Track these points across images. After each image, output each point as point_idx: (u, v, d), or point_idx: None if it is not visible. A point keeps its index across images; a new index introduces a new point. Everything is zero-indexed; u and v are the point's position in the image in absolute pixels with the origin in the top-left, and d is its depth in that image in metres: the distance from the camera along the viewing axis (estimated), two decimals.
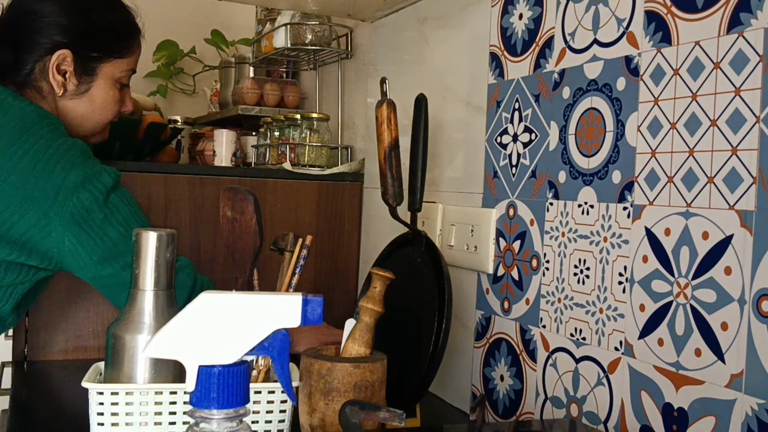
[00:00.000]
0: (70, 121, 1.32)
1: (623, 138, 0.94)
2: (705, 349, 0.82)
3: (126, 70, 1.36)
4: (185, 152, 2.22)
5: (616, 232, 0.95)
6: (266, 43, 1.95)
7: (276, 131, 1.82)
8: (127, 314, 0.95)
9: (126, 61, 1.35)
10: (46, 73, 1.28)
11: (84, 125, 1.34)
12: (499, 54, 1.20)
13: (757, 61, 0.78)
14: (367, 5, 1.56)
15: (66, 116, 1.32)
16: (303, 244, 1.05)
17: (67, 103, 1.31)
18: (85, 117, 1.34)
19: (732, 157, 0.80)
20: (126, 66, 1.35)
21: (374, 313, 0.94)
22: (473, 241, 1.23)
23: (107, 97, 1.34)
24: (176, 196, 1.56)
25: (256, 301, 0.66)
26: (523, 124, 1.13)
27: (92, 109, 1.33)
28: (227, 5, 1.76)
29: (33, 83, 1.28)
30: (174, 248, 0.97)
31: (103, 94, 1.33)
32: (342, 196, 1.70)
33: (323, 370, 0.88)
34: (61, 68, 1.28)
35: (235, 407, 0.64)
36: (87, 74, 1.31)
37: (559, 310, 1.04)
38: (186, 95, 2.88)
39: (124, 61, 1.35)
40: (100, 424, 0.91)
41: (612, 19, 0.97)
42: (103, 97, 1.34)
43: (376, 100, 1.14)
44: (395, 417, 0.79)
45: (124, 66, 1.35)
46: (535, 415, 1.09)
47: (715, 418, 0.81)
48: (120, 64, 1.34)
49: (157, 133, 1.77)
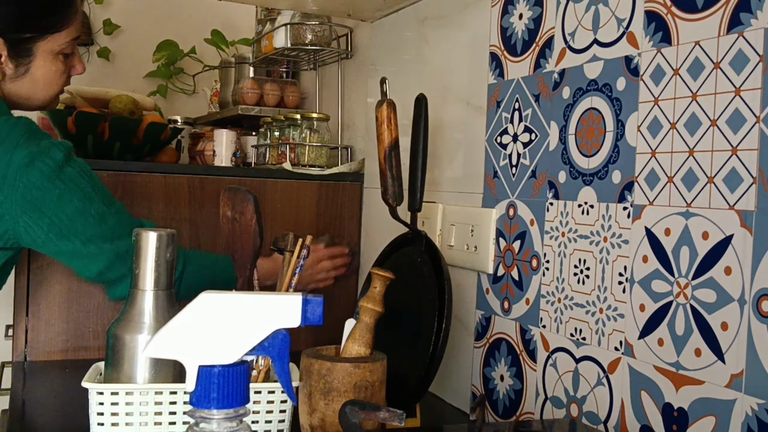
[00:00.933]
0: (17, 100, 1.30)
1: (623, 138, 0.94)
2: (705, 349, 0.82)
3: (65, 42, 1.31)
4: (185, 152, 2.22)
5: (616, 232, 0.95)
6: (266, 43, 1.95)
7: (276, 131, 1.82)
8: (127, 314, 0.95)
9: (63, 33, 1.30)
10: None
11: (33, 102, 1.33)
12: (499, 54, 1.20)
13: (757, 61, 0.78)
14: (367, 5, 1.56)
15: (12, 97, 1.30)
16: (303, 244, 1.05)
17: (9, 86, 1.29)
18: (31, 95, 1.31)
19: (732, 157, 0.80)
20: (65, 38, 1.31)
21: (374, 313, 0.94)
22: (473, 241, 1.23)
23: (50, 73, 1.31)
24: (176, 196, 1.56)
25: (256, 301, 0.66)
26: (523, 124, 1.13)
27: (36, 86, 1.31)
28: (227, 5, 1.76)
29: None
30: (174, 248, 0.97)
31: (44, 71, 1.30)
32: (342, 196, 1.70)
33: (323, 370, 0.88)
34: None
35: (235, 407, 0.64)
36: (22, 56, 1.28)
37: (559, 310, 1.04)
38: (186, 95, 2.88)
39: (61, 35, 1.30)
40: (100, 424, 0.91)
41: (612, 19, 0.97)
42: (46, 74, 1.30)
43: (376, 100, 1.14)
44: (395, 417, 0.79)
45: (62, 39, 1.30)
46: (535, 415, 1.09)
47: (715, 418, 0.81)
48: (57, 38, 1.30)
49: (157, 133, 1.77)
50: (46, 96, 1.33)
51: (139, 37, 2.82)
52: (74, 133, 1.64)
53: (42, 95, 1.33)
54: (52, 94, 1.34)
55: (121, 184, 1.51)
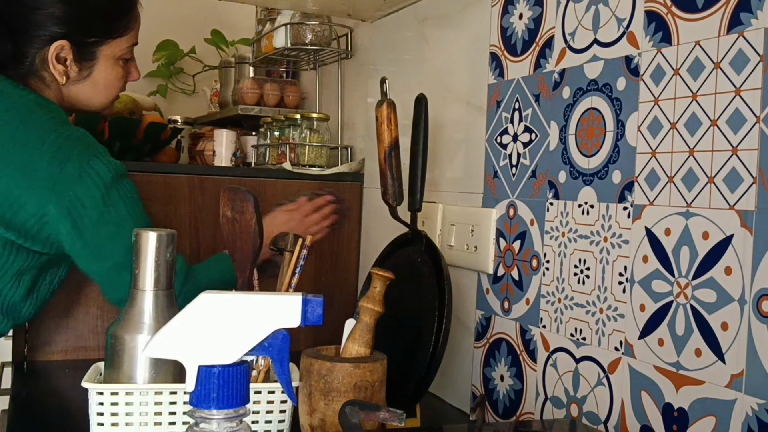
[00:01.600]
0: (76, 103, 1.33)
1: (623, 138, 0.94)
2: (705, 349, 0.82)
3: (126, 47, 1.35)
4: (185, 152, 2.22)
5: (616, 232, 0.95)
6: (266, 43, 1.95)
7: (276, 131, 1.82)
8: (127, 314, 0.95)
9: (125, 38, 1.34)
10: (47, 63, 1.28)
11: (91, 105, 1.35)
12: (499, 54, 1.20)
13: (757, 61, 0.78)
14: (367, 5, 1.56)
15: (72, 100, 1.32)
16: (303, 244, 1.05)
17: (71, 88, 1.31)
18: (92, 98, 1.34)
19: (732, 157, 0.80)
20: (126, 43, 1.34)
21: (374, 313, 0.94)
22: (473, 241, 1.23)
23: (110, 77, 1.34)
24: (176, 196, 1.56)
25: (256, 301, 0.66)
26: (523, 124, 1.13)
27: (96, 90, 1.33)
28: (227, 5, 1.76)
29: (36, 73, 1.28)
30: (174, 248, 0.97)
31: (105, 75, 1.33)
32: (342, 196, 1.70)
33: (323, 370, 0.88)
34: (60, 57, 1.28)
35: (235, 407, 0.64)
36: (87, 59, 1.30)
37: (559, 310, 1.04)
38: (186, 95, 2.88)
39: (123, 40, 1.33)
40: (100, 424, 0.91)
41: (612, 19, 0.97)
42: (106, 78, 1.33)
43: (376, 100, 1.14)
44: (395, 417, 0.79)
45: (123, 44, 1.34)
46: (535, 415, 1.09)
47: (715, 418, 0.81)
48: (119, 43, 1.33)
49: (157, 133, 1.77)
50: (105, 100, 1.36)
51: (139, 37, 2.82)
52: None
53: (101, 99, 1.35)
54: (110, 99, 1.37)
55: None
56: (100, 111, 1.38)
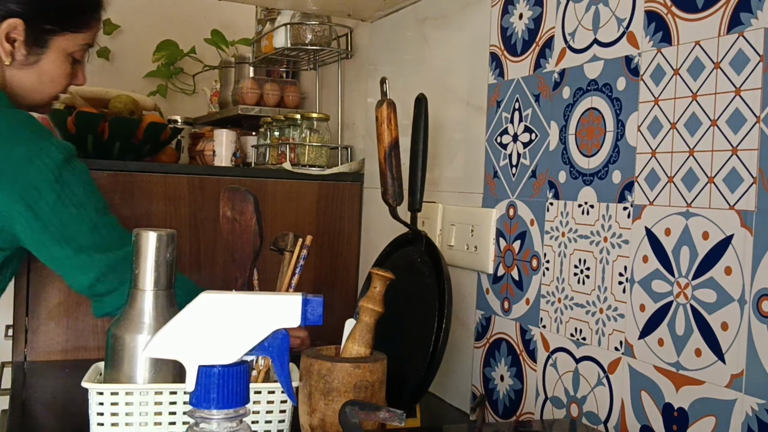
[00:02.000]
0: (17, 90, 1.29)
1: (623, 138, 0.94)
2: (705, 349, 0.82)
3: (81, 45, 1.31)
4: (185, 152, 2.22)
5: (616, 232, 0.95)
6: (266, 43, 1.95)
7: (276, 131, 1.82)
8: (127, 314, 0.95)
9: (81, 35, 1.31)
10: None
11: (30, 97, 1.31)
12: (499, 54, 1.20)
13: (757, 61, 0.78)
14: (367, 5, 1.56)
15: (12, 86, 1.28)
16: (303, 244, 1.05)
17: (15, 72, 1.27)
18: (33, 89, 1.30)
19: (732, 157, 0.80)
20: (81, 40, 1.31)
21: (374, 313, 0.94)
22: (473, 241, 1.23)
23: (57, 71, 1.30)
24: (176, 196, 1.56)
25: (256, 301, 0.66)
26: (523, 124, 1.13)
27: (40, 81, 1.30)
28: (227, 5, 1.76)
29: None
30: (174, 248, 0.97)
31: (52, 67, 1.29)
32: (342, 196, 1.70)
33: (323, 370, 0.88)
34: (11, 36, 1.24)
35: (235, 407, 0.64)
36: (37, 45, 1.27)
37: (559, 310, 1.04)
38: (186, 95, 2.88)
39: (79, 36, 1.30)
40: (100, 424, 0.91)
41: (612, 19, 0.97)
42: (53, 71, 1.30)
43: (376, 100, 1.14)
44: (395, 417, 0.79)
45: (79, 40, 1.30)
46: (535, 415, 1.09)
47: (715, 418, 0.81)
48: (75, 38, 1.30)
49: (157, 133, 1.77)
50: (46, 94, 1.32)
51: (138, 37, 2.82)
52: (74, 133, 1.64)
53: (42, 91, 1.31)
54: (51, 94, 1.33)
55: (121, 184, 1.50)
56: (37, 106, 1.34)
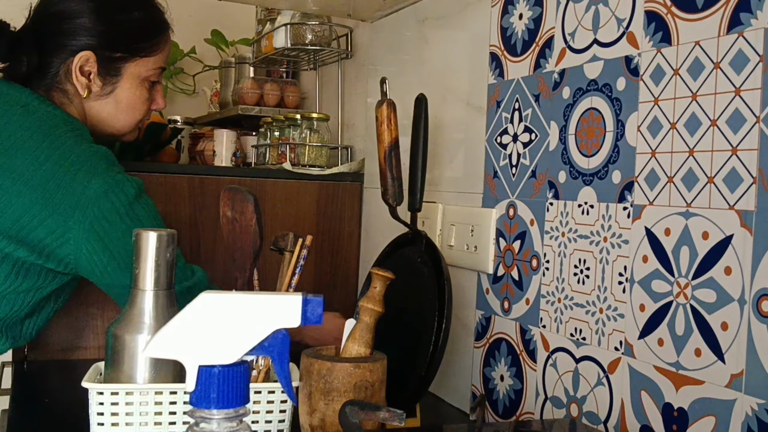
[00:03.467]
0: (98, 122, 1.31)
1: (623, 138, 0.94)
2: (705, 349, 0.82)
3: (153, 69, 1.34)
4: (185, 152, 2.22)
5: (616, 232, 0.95)
6: (266, 43, 1.95)
7: (276, 131, 1.82)
8: (127, 314, 0.95)
9: (153, 59, 1.33)
10: (70, 75, 1.27)
11: (112, 125, 1.33)
12: (499, 54, 1.20)
13: (757, 61, 0.78)
14: (367, 5, 1.56)
15: (93, 118, 1.31)
16: (303, 244, 1.05)
17: (93, 104, 1.30)
18: (113, 117, 1.32)
19: (732, 157, 0.80)
20: (153, 65, 1.33)
21: (374, 313, 0.94)
22: (473, 241, 1.23)
23: (134, 97, 1.32)
24: (176, 196, 1.56)
25: (256, 301, 0.66)
26: (523, 124, 1.13)
27: (118, 109, 1.32)
28: (227, 5, 1.76)
29: (58, 86, 1.28)
30: (174, 248, 0.97)
31: (129, 94, 1.32)
32: (342, 196, 1.70)
33: (323, 370, 0.88)
34: (85, 69, 1.27)
35: (235, 407, 0.64)
36: (111, 75, 1.30)
37: (559, 310, 1.04)
38: (186, 95, 2.88)
39: (150, 60, 1.33)
40: (100, 424, 0.91)
41: (612, 19, 0.97)
42: (129, 98, 1.32)
43: (376, 100, 1.14)
44: (395, 417, 0.79)
45: (150, 65, 1.33)
46: (535, 415, 1.09)
47: (715, 418, 0.81)
48: (146, 63, 1.32)
49: (157, 133, 1.77)
50: (127, 121, 1.34)
51: None
52: None
53: (123, 119, 1.33)
54: (132, 121, 1.35)
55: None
56: (122, 135, 1.36)
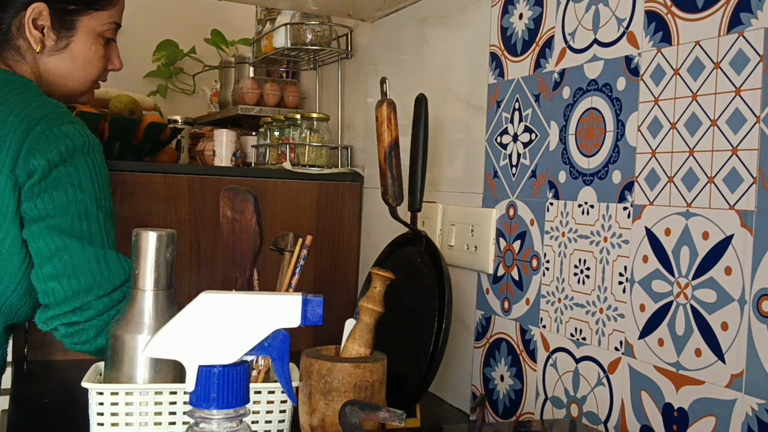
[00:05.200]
0: (53, 79, 1.28)
1: (623, 138, 0.94)
2: (705, 349, 0.82)
3: (108, 23, 1.31)
4: (185, 152, 2.22)
5: (616, 232, 0.95)
6: (266, 43, 1.95)
7: (276, 131, 1.82)
8: (127, 314, 0.95)
9: (107, 13, 1.30)
10: (23, 29, 1.23)
11: (67, 84, 1.30)
12: (499, 54, 1.20)
13: (757, 61, 0.78)
14: (367, 5, 1.56)
15: (47, 75, 1.28)
16: (303, 244, 1.05)
17: (47, 60, 1.27)
18: (68, 74, 1.29)
19: (732, 157, 0.80)
20: (108, 18, 1.30)
21: (374, 313, 0.94)
22: (473, 241, 1.23)
23: (89, 53, 1.29)
24: (176, 196, 1.56)
25: (256, 301, 0.66)
26: (523, 124, 1.13)
27: (75, 65, 1.29)
28: (227, 5, 1.76)
29: (10, 42, 1.24)
30: (174, 248, 0.97)
31: (84, 49, 1.29)
32: (342, 196, 1.70)
33: (323, 370, 0.88)
34: (38, 23, 1.24)
35: (235, 407, 0.64)
36: (65, 28, 1.26)
37: (559, 310, 1.04)
38: (186, 95, 2.88)
39: (105, 14, 1.29)
40: (100, 424, 0.91)
41: (612, 19, 0.97)
42: (85, 53, 1.29)
43: (376, 100, 1.14)
44: (395, 417, 0.79)
45: (105, 19, 1.30)
46: (535, 415, 1.09)
47: (716, 418, 0.81)
48: (101, 17, 1.29)
49: (157, 133, 1.77)
50: (83, 78, 1.31)
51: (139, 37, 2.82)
52: None
53: (78, 76, 1.30)
54: (88, 78, 1.31)
55: (121, 184, 1.50)
56: (78, 95, 1.33)
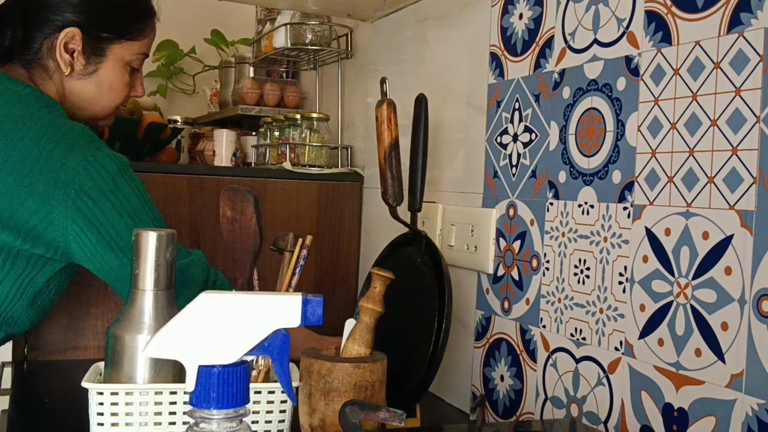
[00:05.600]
0: (76, 102, 1.30)
1: (623, 138, 0.94)
2: (705, 349, 0.82)
3: (137, 54, 1.33)
4: (185, 152, 2.22)
5: (616, 232, 0.95)
6: (266, 43, 1.95)
7: (276, 131, 1.82)
8: (127, 314, 0.95)
9: (137, 44, 1.32)
10: (54, 51, 1.25)
11: (90, 108, 1.32)
12: (499, 54, 1.20)
13: (757, 61, 0.78)
14: (367, 5, 1.56)
15: (72, 97, 1.29)
16: (303, 244, 1.05)
17: (74, 83, 1.28)
18: (93, 99, 1.31)
19: (732, 157, 0.80)
20: (137, 49, 1.32)
21: (374, 313, 0.94)
22: (473, 241, 1.23)
23: (116, 80, 1.31)
24: (176, 196, 1.56)
25: (256, 301, 0.66)
26: (523, 124, 1.13)
27: (100, 91, 1.30)
28: (227, 5, 1.76)
29: (40, 62, 1.26)
30: (174, 248, 0.97)
31: (111, 76, 1.30)
32: (342, 196, 1.70)
33: (323, 370, 0.88)
34: (69, 47, 1.25)
35: (234, 407, 0.64)
36: (96, 54, 1.28)
37: (559, 310, 1.04)
38: (186, 95, 2.88)
39: (135, 44, 1.31)
40: (100, 424, 0.91)
41: (612, 19, 0.97)
42: (112, 80, 1.30)
43: (376, 100, 1.14)
44: (395, 417, 0.79)
45: (135, 49, 1.32)
46: (535, 415, 1.09)
47: (716, 418, 0.81)
48: (131, 47, 1.31)
49: (157, 133, 1.78)
50: (106, 104, 1.32)
51: None
52: None
53: (102, 102, 1.32)
54: (111, 104, 1.33)
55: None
56: (98, 117, 1.35)
